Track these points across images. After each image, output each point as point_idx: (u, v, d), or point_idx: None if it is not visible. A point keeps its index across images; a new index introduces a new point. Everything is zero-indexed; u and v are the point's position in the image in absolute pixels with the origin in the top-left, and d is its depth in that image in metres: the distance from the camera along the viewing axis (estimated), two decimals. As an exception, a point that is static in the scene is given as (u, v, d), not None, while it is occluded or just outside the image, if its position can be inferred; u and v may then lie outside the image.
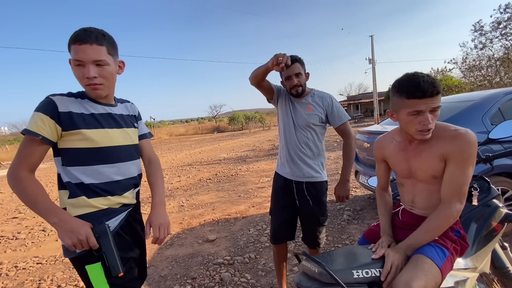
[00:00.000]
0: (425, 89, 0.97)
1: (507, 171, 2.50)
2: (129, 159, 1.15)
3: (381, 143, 1.31)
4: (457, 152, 1.01)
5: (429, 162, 1.08)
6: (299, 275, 1.05)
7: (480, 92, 3.25)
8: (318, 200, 1.78)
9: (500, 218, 1.25)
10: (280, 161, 1.90)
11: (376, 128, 3.71)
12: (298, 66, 1.70)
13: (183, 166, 8.83)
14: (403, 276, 0.94)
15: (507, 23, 13.32)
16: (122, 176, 1.11)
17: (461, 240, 1.11)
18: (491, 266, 1.34)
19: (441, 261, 0.99)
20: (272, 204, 1.91)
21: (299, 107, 1.78)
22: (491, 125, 2.50)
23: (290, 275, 2.30)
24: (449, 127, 1.07)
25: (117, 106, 1.17)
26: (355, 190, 4.47)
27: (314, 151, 1.79)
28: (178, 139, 26.44)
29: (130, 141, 1.17)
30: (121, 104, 1.23)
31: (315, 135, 1.79)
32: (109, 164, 1.07)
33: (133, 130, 1.21)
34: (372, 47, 21.42)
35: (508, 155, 1.40)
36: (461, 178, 1.02)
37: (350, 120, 16.12)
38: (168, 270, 2.58)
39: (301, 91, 1.75)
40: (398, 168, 1.22)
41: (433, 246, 1.03)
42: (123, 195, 1.11)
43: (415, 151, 1.13)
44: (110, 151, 1.07)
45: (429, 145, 1.09)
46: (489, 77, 14.97)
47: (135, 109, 1.30)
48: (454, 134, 1.03)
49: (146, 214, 1.19)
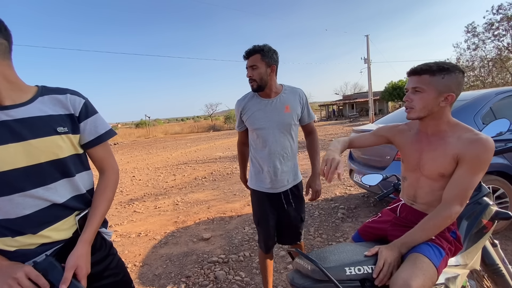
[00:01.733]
0: (412, 68, 1.07)
1: (498, 169, 2.54)
2: (42, 184, 0.82)
3: (398, 128, 1.28)
4: (473, 156, 1.01)
5: (441, 159, 1.07)
6: (292, 272, 1.05)
7: (472, 92, 3.30)
8: (300, 198, 1.75)
9: (491, 215, 1.27)
10: (259, 176, 1.69)
11: (371, 127, 3.74)
12: (256, 58, 1.53)
13: (179, 165, 8.79)
14: (402, 275, 0.94)
15: (499, 24, 13.53)
16: (35, 208, 0.81)
17: (456, 241, 1.12)
18: (481, 263, 1.36)
19: (438, 261, 1.00)
20: (257, 213, 1.75)
21: (275, 107, 1.61)
22: (482, 124, 2.54)
23: (284, 273, 2.31)
24: (471, 130, 1.07)
25: (30, 105, 0.82)
26: (349, 188, 4.50)
27: (294, 152, 1.71)
28: (174, 138, 26.30)
29: (46, 156, 0.82)
30: (46, 97, 0.86)
31: (294, 135, 1.69)
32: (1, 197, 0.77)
33: (59, 138, 0.84)
34: (367, 47, 21.53)
35: (499, 154, 1.43)
36: (468, 182, 1.02)
37: (345, 119, 16.18)
38: (162, 268, 2.57)
39: (257, 87, 1.57)
40: (408, 158, 1.21)
41: (431, 245, 1.04)
42: (39, 234, 0.82)
43: (430, 144, 1.13)
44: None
45: (446, 142, 1.08)
46: (482, 77, 15.22)
47: (75, 103, 0.90)
48: (475, 138, 1.02)
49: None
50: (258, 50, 1.54)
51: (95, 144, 0.94)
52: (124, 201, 5.12)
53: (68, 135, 0.87)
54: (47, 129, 0.83)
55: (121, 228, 3.70)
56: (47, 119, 0.83)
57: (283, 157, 1.64)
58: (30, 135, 0.80)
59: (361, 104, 36.98)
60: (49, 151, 0.83)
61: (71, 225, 0.89)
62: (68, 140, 0.87)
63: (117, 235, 3.46)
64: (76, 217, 0.90)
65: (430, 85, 1.03)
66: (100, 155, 0.97)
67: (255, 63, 1.54)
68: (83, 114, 0.91)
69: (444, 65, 1.03)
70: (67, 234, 0.88)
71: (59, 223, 0.86)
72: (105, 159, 0.99)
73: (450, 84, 1.03)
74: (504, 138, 2.48)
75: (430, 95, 1.04)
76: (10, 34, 0.80)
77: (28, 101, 0.83)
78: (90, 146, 0.94)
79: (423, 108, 1.06)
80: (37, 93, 0.85)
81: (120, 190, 6.00)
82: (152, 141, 23.25)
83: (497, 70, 14.51)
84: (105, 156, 0.98)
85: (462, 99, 2.88)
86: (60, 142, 0.85)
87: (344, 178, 5.14)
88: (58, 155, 0.85)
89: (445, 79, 1.02)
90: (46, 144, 0.82)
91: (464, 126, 1.10)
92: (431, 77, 1.03)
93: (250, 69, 1.56)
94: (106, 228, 1.05)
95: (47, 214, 0.84)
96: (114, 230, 3.64)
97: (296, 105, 1.65)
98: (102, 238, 1.01)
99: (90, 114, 0.93)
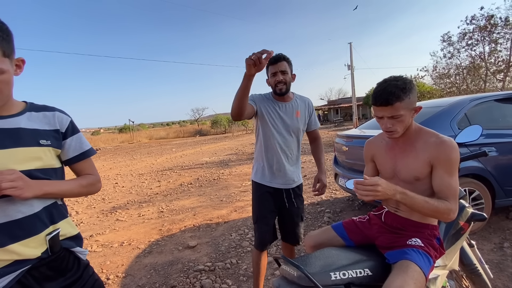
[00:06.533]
0: (378, 99, 1.11)
1: (473, 172, 2.66)
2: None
3: (371, 143, 1.38)
4: (445, 160, 1.10)
5: (415, 164, 1.15)
6: (279, 279, 1.05)
7: (449, 98, 3.46)
8: (301, 198, 1.88)
9: (467, 217, 1.33)
10: (265, 171, 1.78)
11: (355, 132, 3.83)
12: (285, 64, 1.69)
13: (164, 171, 8.61)
14: (394, 284, 0.96)
15: (472, 34, 14.33)
16: (5, 218, 0.79)
17: (440, 247, 1.18)
18: (459, 263, 1.41)
19: (427, 269, 1.05)
20: (257, 211, 1.81)
21: (288, 111, 1.75)
22: (458, 130, 2.66)
23: (271, 279, 2.30)
24: (434, 134, 1.16)
25: (18, 117, 0.85)
26: (335, 192, 4.57)
27: (298, 155, 1.86)
28: (159, 143, 25.80)
29: (22, 165, 0.82)
30: (34, 113, 0.89)
31: (300, 139, 1.85)
32: None
33: (39, 149, 0.86)
34: (351, 54, 22.19)
35: (472, 158, 1.50)
36: (453, 182, 1.10)
37: (330, 124, 16.38)
38: (146, 279, 2.49)
39: (285, 90, 1.71)
40: (384, 167, 1.28)
41: (421, 254, 1.08)
42: (7, 247, 0.78)
43: (401, 151, 1.21)
44: None
45: (416, 147, 1.17)
46: (457, 84, 15.99)
47: (63, 120, 0.94)
48: (439, 142, 1.12)
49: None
50: (286, 58, 1.70)
51: (80, 159, 0.99)
52: (106, 209, 4.95)
53: (49, 148, 0.89)
54: (30, 140, 0.85)
55: (103, 238, 3.56)
56: (32, 132, 0.86)
57: (289, 158, 1.78)
58: (12, 144, 0.81)
59: (345, 109, 37.92)
60: (27, 161, 0.83)
61: (39, 244, 0.85)
62: (49, 152, 0.89)
63: (99, 245, 3.32)
64: (47, 236, 0.86)
65: (403, 109, 1.10)
66: (85, 169, 1.01)
67: (286, 69, 1.69)
68: (70, 131, 0.96)
69: (404, 85, 1.09)
70: (35, 253, 0.84)
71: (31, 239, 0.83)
72: (90, 171, 1.03)
73: (415, 99, 1.14)
74: (478, 142, 2.62)
75: (407, 116, 1.13)
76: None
77: (16, 114, 0.86)
78: (75, 161, 0.98)
79: (404, 127, 1.15)
80: (25, 108, 0.89)
81: (102, 197, 5.80)
82: (136, 147, 22.68)
83: (471, 77, 15.33)
84: (90, 169, 1.03)
85: (439, 105, 3.02)
86: (41, 154, 0.87)
87: (329, 182, 5.22)
88: (36, 165, 0.85)
89: (411, 97, 1.11)
90: (25, 154, 0.83)
91: (426, 130, 1.20)
92: (401, 103, 1.09)
93: (281, 73, 1.68)
94: (81, 247, 0.99)
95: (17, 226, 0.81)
96: (96, 240, 3.50)
97: (305, 112, 1.82)
98: (76, 257, 0.96)
99: (76, 132, 0.98)
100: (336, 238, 1.32)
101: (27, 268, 0.83)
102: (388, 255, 1.14)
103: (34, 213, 0.84)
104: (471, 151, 2.58)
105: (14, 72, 0.82)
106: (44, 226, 0.86)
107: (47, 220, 0.87)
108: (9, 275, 0.79)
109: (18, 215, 0.81)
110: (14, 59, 0.82)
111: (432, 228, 1.19)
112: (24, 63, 0.86)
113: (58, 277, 0.89)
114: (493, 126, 2.81)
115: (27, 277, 0.83)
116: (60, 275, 0.89)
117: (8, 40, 0.78)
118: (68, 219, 0.97)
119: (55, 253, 0.88)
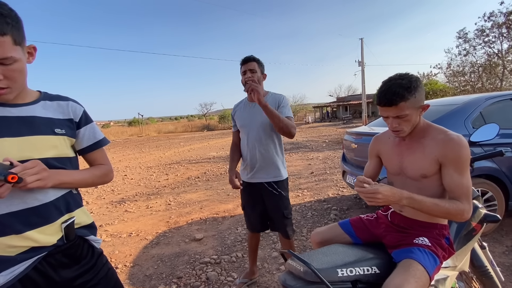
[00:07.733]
0: (382, 99, 1.08)
1: (487, 173, 2.59)
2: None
3: (379, 139, 1.36)
4: (455, 157, 1.06)
5: (422, 161, 1.13)
6: (285, 274, 1.05)
7: (463, 96, 3.36)
8: (279, 195, 1.89)
9: (480, 218, 1.29)
10: (243, 168, 1.99)
11: (364, 129, 3.77)
12: (254, 64, 1.80)
13: (171, 164, 8.71)
14: (394, 281, 0.95)
15: (490, 31, 13.83)
16: (23, 205, 0.79)
17: (449, 247, 1.14)
18: (470, 265, 1.38)
19: (432, 269, 1.02)
20: (242, 199, 2.07)
21: (258, 110, 1.77)
22: (472, 129, 2.58)
23: (276, 274, 2.30)
24: (443, 131, 1.13)
25: (32, 106, 0.86)
26: (342, 189, 4.53)
27: (278, 152, 1.90)
28: (167, 137, 26.08)
29: (39, 153, 0.82)
30: (49, 102, 0.90)
31: (278, 136, 1.90)
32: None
33: (55, 138, 0.87)
34: (362, 50, 21.76)
35: (487, 158, 1.45)
36: (464, 181, 1.06)
37: (339, 121, 16.21)
38: (154, 269, 2.54)
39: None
40: (390, 163, 1.26)
41: (427, 253, 1.05)
42: (24, 234, 0.79)
43: (408, 147, 1.18)
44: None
45: (423, 144, 1.14)
46: (472, 82, 15.52)
47: (76, 110, 0.95)
48: (448, 139, 1.08)
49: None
50: (256, 59, 1.83)
51: (94, 148, 1.00)
52: (116, 200, 5.05)
53: (64, 137, 0.90)
54: (45, 128, 0.86)
55: (112, 228, 3.64)
56: (46, 121, 0.87)
57: (262, 154, 1.86)
58: (28, 132, 0.82)
59: (355, 106, 37.34)
60: (43, 149, 0.84)
61: (55, 232, 0.86)
62: (64, 142, 0.90)
63: (108, 235, 3.40)
64: (62, 224, 0.87)
65: (409, 108, 1.07)
66: (97, 159, 1.02)
67: (254, 68, 1.79)
68: (83, 120, 0.96)
69: (409, 84, 1.06)
70: (51, 241, 0.85)
71: (47, 226, 0.84)
72: (102, 161, 1.04)
73: (421, 97, 1.09)
74: (493, 142, 2.54)
75: (413, 115, 1.10)
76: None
77: (31, 102, 0.87)
78: (89, 151, 0.99)
79: (411, 126, 1.12)
80: (39, 97, 0.90)
81: (112, 189, 5.91)
82: (144, 140, 23.00)
83: (487, 75, 14.85)
84: (102, 159, 1.04)
85: (453, 103, 2.93)
86: (56, 142, 0.88)
87: (337, 179, 5.18)
88: (52, 154, 0.86)
89: (417, 95, 1.07)
90: (41, 142, 0.84)
91: (435, 127, 1.16)
92: (406, 102, 1.06)
93: (250, 71, 1.78)
94: (95, 235, 1.01)
95: (37, 213, 0.82)
96: (105, 230, 3.58)
97: (274, 106, 1.81)
98: (90, 245, 0.97)
99: (89, 122, 0.99)
100: (343, 235, 1.31)
101: (44, 255, 0.84)
102: (394, 254, 1.12)
103: (51, 201, 0.85)
104: (485, 151, 2.50)
105: (26, 60, 0.81)
106: (60, 214, 0.87)
107: (63, 208, 0.88)
108: (26, 261, 0.80)
109: (35, 203, 0.81)
110: (26, 47, 0.81)
111: (441, 227, 1.16)
112: (36, 50, 0.85)
113: (73, 265, 0.90)
114: (509, 126, 2.71)
115: (43, 263, 0.84)
116: (75, 262, 0.91)
117: (18, 27, 0.76)
118: (83, 208, 0.98)
119: (70, 241, 0.90)
